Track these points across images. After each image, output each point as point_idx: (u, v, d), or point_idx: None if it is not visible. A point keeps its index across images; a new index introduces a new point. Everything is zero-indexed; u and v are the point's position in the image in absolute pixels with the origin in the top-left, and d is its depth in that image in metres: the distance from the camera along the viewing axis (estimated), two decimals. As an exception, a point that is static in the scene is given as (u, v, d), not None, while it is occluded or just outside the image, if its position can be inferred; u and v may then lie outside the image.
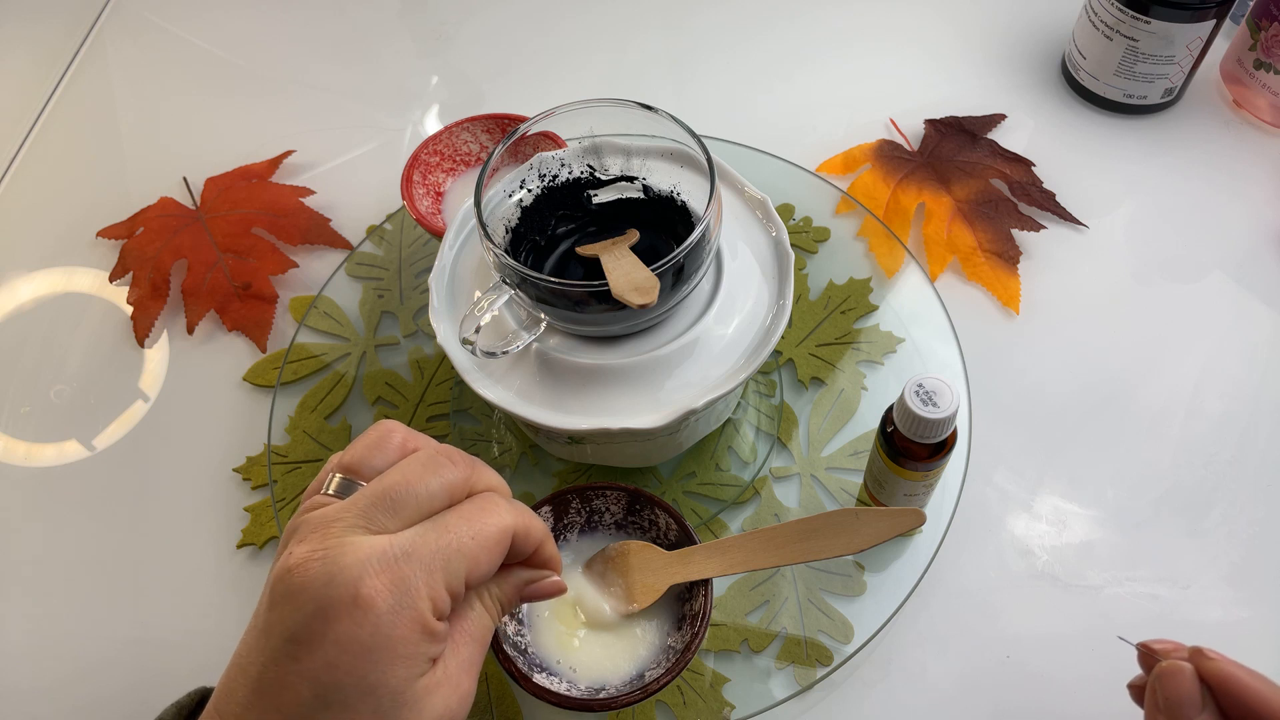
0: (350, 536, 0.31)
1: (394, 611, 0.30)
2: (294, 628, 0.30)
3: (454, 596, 0.32)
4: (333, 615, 0.30)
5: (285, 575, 0.31)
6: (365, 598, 0.30)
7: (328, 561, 0.30)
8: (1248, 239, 0.66)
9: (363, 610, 0.30)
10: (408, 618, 0.30)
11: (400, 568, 0.31)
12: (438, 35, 0.83)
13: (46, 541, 0.57)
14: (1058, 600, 0.53)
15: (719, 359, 0.48)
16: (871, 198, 0.68)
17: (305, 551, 0.31)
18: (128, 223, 0.70)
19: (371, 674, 0.30)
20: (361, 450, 0.35)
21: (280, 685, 0.30)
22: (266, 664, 0.31)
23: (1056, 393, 0.60)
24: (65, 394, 0.63)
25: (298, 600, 0.30)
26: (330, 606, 0.30)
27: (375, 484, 0.33)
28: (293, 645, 0.30)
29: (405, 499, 0.33)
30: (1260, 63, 0.69)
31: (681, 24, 0.82)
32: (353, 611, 0.30)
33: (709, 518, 0.55)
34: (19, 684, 0.52)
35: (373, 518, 0.32)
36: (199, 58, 0.82)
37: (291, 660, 0.30)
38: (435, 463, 0.34)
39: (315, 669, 0.30)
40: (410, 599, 0.30)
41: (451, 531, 0.32)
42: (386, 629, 0.30)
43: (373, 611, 0.30)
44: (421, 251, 0.66)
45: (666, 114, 0.47)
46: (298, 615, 0.30)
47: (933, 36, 0.80)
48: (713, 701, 0.49)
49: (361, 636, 0.30)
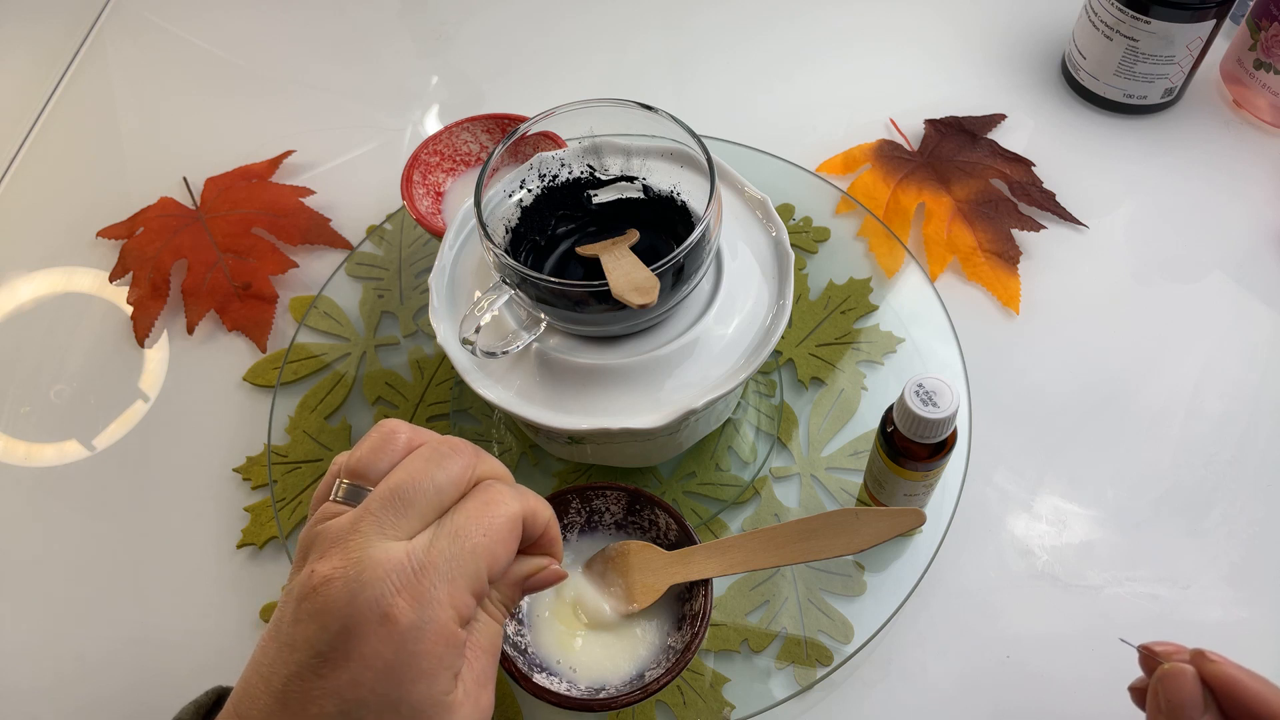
0: (369, 549, 0.31)
1: (417, 627, 0.31)
2: (320, 645, 0.31)
3: (478, 596, 0.33)
4: (359, 634, 0.30)
5: (311, 594, 0.31)
6: (390, 616, 0.30)
7: (349, 580, 0.31)
8: (1248, 239, 0.66)
9: (388, 629, 0.30)
10: (432, 631, 0.31)
11: (421, 582, 0.31)
12: (438, 35, 0.83)
13: (47, 541, 0.57)
14: (1058, 600, 0.53)
15: (719, 359, 0.48)
16: (871, 198, 0.68)
17: (328, 569, 0.31)
18: (128, 223, 0.70)
19: (394, 691, 0.31)
20: (366, 453, 0.35)
21: (305, 699, 0.31)
22: (291, 678, 0.31)
23: (1056, 393, 0.60)
24: (65, 394, 0.63)
25: (324, 619, 0.31)
26: (357, 625, 0.30)
27: (383, 486, 0.33)
28: (319, 661, 0.31)
29: (414, 497, 0.33)
30: (1260, 63, 0.69)
31: (681, 24, 0.82)
32: (379, 630, 0.30)
33: (709, 518, 0.55)
34: (19, 684, 0.52)
35: (386, 521, 0.32)
36: (199, 58, 0.82)
37: (317, 676, 0.31)
38: (440, 454, 0.34)
39: (341, 686, 0.30)
40: (433, 611, 0.31)
41: (463, 534, 0.32)
42: (411, 645, 0.30)
43: (398, 629, 0.30)
44: (421, 251, 0.66)
45: (666, 114, 0.47)
46: (324, 634, 0.31)
47: (933, 36, 0.80)
48: (713, 701, 0.49)
49: (386, 654, 0.30)
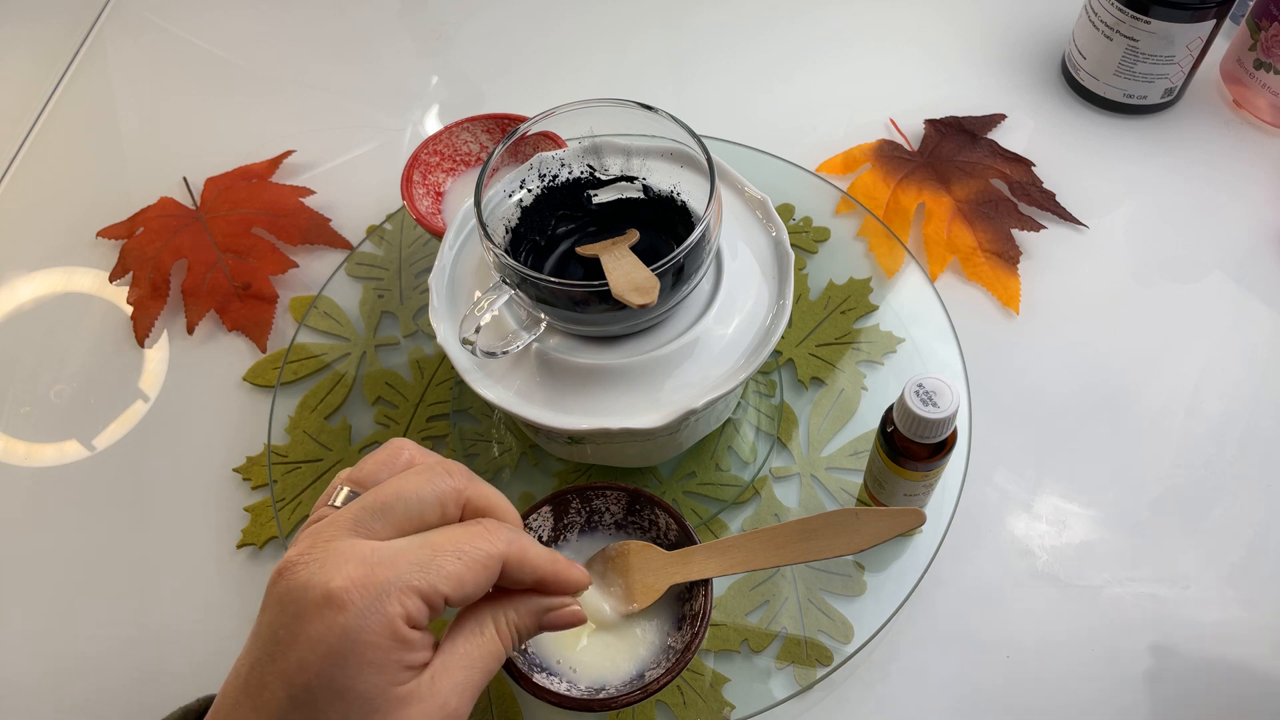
0: (337, 540, 0.31)
1: (363, 615, 0.30)
2: (277, 628, 0.31)
3: (432, 607, 0.32)
4: (307, 617, 0.30)
5: (276, 579, 0.31)
6: (336, 599, 0.30)
7: (310, 564, 0.31)
8: (1248, 239, 0.66)
9: (333, 611, 0.30)
10: (377, 622, 0.30)
11: (376, 572, 0.31)
12: (438, 35, 0.83)
13: (46, 542, 0.57)
14: (1058, 600, 0.53)
15: (719, 359, 0.48)
16: (871, 198, 0.68)
17: (295, 555, 0.31)
18: (128, 223, 0.70)
19: (339, 677, 0.30)
20: (371, 466, 0.35)
21: (261, 685, 0.31)
22: (253, 665, 0.31)
23: (1056, 393, 0.60)
24: (65, 394, 0.63)
25: (284, 602, 0.31)
26: (306, 609, 0.30)
27: (370, 492, 0.33)
28: (273, 645, 0.31)
29: (395, 505, 0.33)
30: (1260, 63, 0.69)
31: (681, 24, 0.82)
32: (323, 612, 0.30)
33: (709, 518, 0.55)
34: (19, 684, 0.52)
35: (362, 521, 0.32)
36: (199, 58, 0.82)
37: (270, 660, 0.31)
38: (431, 472, 0.34)
39: (289, 669, 0.30)
40: (381, 604, 0.30)
41: (437, 549, 0.32)
42: (354, 633, 0.30)
43: (343, 614, 0.30)
44: (421, 251, 0.66)
45: (666, 114, 0.47)
46: (282, 617, 0.31)
47: (933, 36, 0.80)
48: (713, 701, 0.49)
49: (330, 638, 0.30)
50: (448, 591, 0.32)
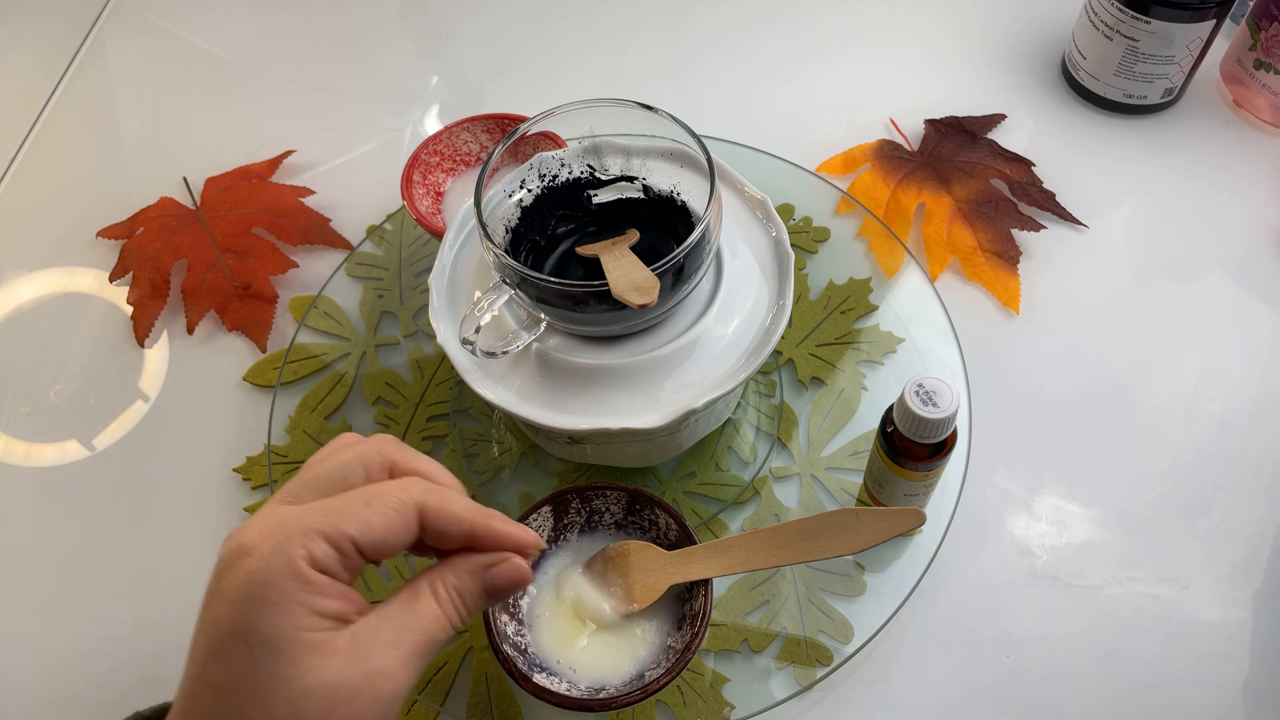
0: (265, 509, 0.33)
1: (267, 558, 0.31)
2: (207, 592, 0.32)
3: (340, 551, 0.31)
4: (222, 571, 0.31)
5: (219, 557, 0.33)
6: (245, 548, 0.31)
7: (237, 532, 0.32)
8: (1248, 239, 0.66)
9: (243, 560, 0.31)
10: (279, 562, 0.31)
11: (286, 524, 0.31)
12: (438, 35, 0.83)
13: (46, 542, 0.57)
14: (1058, 600, 0.53)
15: (719, 359, 0.48)
16: (871, 198, 0.68)
17: (234, 530, 0.33)
18: (128, 223, 0.70)
19: (243, 620, 0.30)
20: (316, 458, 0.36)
21: (192, 647, 0.32)
22: (194, 635, 0.32)
23: (1056, 393, 0.60)
24: (65, 394, 0.63)
25: (214, 570, 0.32)
26: (224, 564, 0.31)
27: (301, 468, 0.35)
28: (202, 608, 0.32)
29: (319, 471, 0.34)
30: (1260, 63, 0.69)
31: (681, 24, 0.82)
32: (236, 564, 0.31)
33: (709, 518, 0.55)
34: (19, 682, 0.52)
35: (290, 492, 0.34)
36: (199, 58, 0.82)
37: (199, 621, 0.32)
38: (359, 443, 0.35)
39: (207, 623, 0.31)
40: (284, 546, 0.31)
41: (346, 496, 0.33)
42: (257, 575, 0.30)
43: (249, 559, 0.31)
44: (421, 251, 0.66)
45: (666, 114, 0.47)
46: (210, 583, 0.32)
47: (933, 36, 0.80)
48: (713, 701, 0.49)
49: (237, 584, 0.31)
50: (353, 533, 0.32)
